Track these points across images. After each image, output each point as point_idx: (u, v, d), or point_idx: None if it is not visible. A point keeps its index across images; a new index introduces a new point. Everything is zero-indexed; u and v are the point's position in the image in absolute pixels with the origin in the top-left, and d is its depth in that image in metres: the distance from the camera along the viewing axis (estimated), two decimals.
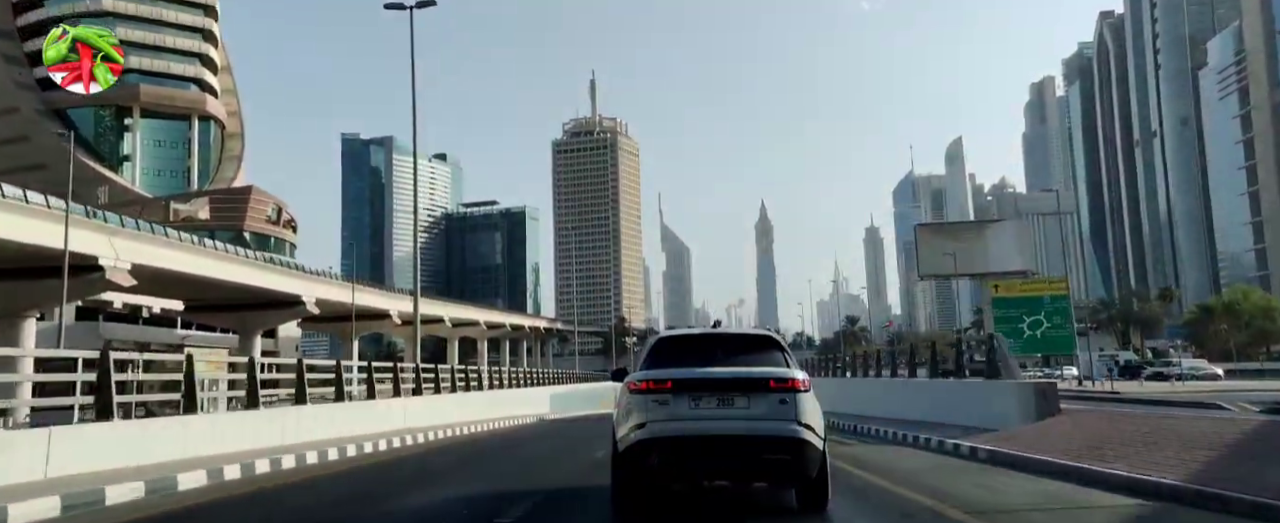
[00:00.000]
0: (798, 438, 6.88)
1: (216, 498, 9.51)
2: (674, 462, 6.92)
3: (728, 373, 7.08)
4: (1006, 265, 53.21)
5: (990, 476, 10.39)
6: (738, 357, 7.42)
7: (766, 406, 6.94)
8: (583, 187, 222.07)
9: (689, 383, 6.99)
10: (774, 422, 6.90)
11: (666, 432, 6.86)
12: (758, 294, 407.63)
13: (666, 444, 6.85)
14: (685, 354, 7.46)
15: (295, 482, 11.11)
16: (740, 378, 7.03)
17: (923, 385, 21.83)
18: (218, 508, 8.97)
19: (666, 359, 7.37)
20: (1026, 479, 9.91)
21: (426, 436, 19.33)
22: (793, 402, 6.96)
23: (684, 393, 6.95)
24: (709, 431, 6.87)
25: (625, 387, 7.42)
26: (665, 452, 6.86)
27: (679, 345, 7.79)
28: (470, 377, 28.56)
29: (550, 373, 47.55)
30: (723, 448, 6.88)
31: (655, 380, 7.06)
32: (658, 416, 6.92)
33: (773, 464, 6.95)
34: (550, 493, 9.49)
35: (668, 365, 7.24)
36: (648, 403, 7.00)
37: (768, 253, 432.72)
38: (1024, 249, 54.65)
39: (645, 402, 7.02)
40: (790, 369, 7.23)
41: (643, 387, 7.08)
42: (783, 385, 6.99)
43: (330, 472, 12.41)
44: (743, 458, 6.93)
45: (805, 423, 6.95)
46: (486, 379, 31.18)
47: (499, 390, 32.07)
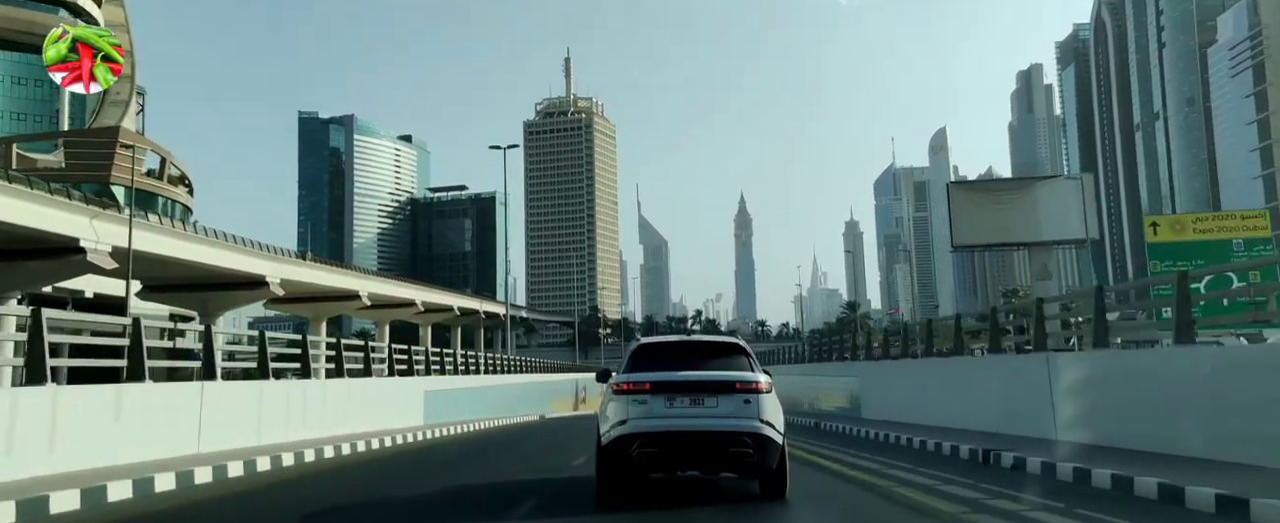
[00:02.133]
0: (760, 434, 7.93)
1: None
2: (651, 454, 7.95)
3: (699, 376, 8.14)
4: (1064, 232, 43.30)
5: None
6: (708, 361, 8.44)
7: (732, 405, 7.98)
8: (556, 170, 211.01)
9: (665, 385, 8.03)
10: (738, 419, 7.93)
11: (644, 428, 7.90)
12: (736, 288, 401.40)
13: (645, 438, 7.88)
14: (662, 359, 8.48)
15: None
16: (709, 381, 8.09)
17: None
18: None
19: (645, 363, 8.41)
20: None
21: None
22: (755, 402, 8.00)
23: (660, 394, 7.99)
24: (682, 427, 7.91)
25: (609, 388, 8.45)
26: (644, 445, 7.89)
27: (657, 351, 8.75)
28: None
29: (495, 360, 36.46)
30: (694, 442, 7.93)
31: (635, 383, 8.08)
32: (637, 413, 7.96)
33: (737, 457, 7.98)
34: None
35: (647, 369, 8.26)
36: (628, 402, 8.04)
37: (746, 246, 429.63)
38: (1083, 213, 44.45)
39: (626, 401, 8.06)
40: (754, 373, 8.26)
41: (625, 388, 8.11)
42: (747, 387, 8.03)
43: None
44: (711, 451, 7.99)
45: (766, 421, 7.99)
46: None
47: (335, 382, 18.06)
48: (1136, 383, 11.04)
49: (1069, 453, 10.64)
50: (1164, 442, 9.97)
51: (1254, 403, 8.84)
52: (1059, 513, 7.52)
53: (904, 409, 18.73)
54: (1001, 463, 11.07)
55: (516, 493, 9.63)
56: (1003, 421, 14.11)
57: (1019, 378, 14.00)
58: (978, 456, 11.85)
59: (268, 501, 9.38)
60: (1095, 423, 11.73)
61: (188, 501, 9.10)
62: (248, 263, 51.97)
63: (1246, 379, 9.24)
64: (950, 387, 16.97)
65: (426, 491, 10.13)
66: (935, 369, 18.20)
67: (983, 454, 11.71)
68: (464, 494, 9.79)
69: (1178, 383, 10.21)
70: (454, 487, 10.47)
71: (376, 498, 9.46)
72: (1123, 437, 10.82)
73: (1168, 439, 9.94)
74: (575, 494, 9.14)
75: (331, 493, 10.06)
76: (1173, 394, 10.22)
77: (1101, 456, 10.09)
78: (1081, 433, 11.84)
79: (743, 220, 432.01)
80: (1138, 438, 10.50)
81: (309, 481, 11.01)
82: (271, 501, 9.40)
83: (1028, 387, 13.25)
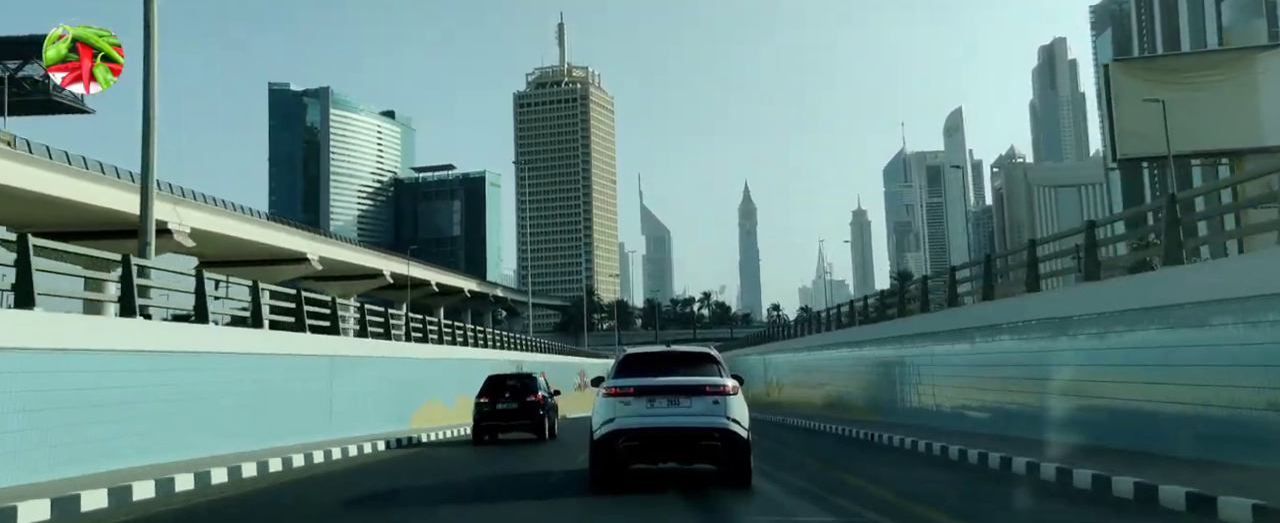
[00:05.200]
0: (727, 429, 9.48)
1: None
2: (635, 447, 9.63)
3: (675, 381, 9.76)
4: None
5: None
6: (684, 369, 10.13)
7: (704, 405, 9.54)
8: (550, 145, 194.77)
9: (647, 389, 9.64)
10: (709, 417, 9.50)
11: (629, 425, 9.53)
12: (741, 279, 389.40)
13: (630, 434, 9.52)
14: (646, 367, 10.18)
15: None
16: (684, 385, 9.69)
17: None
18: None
19: (631, 371, 10.09)
20: None
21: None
22: (723, 402, 9.57)
23: (643, 396, 9.60)
24: (661, 424, 9.52)
25: (600, 392, 10.04)
26: (629, 439, 9.54)
27: (641, 360, 10.45)
28: None
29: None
30: (671, 436, 9.58)
31: (621, 387, 9.74)
32: (623, 413, 9.57)
33: (708, 449, 9.64)
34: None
35: (632, 375, 9.94)
36: (616, 404, 9.64)
37: (751, 236, 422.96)
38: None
39: (614, 402, 9.67)
40: (723, 378, 9.88)
41: (613, 392, 9.75)
42: (716, 390, 9.63)
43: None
44: (686, 444, 9.66)
45: (732, 418, 9.54)
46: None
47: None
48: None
49: None
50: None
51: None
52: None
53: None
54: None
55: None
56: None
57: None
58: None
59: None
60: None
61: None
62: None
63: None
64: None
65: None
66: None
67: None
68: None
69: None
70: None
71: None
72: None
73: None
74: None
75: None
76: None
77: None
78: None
79: (747, 210, 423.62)
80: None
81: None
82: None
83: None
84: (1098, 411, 11.72)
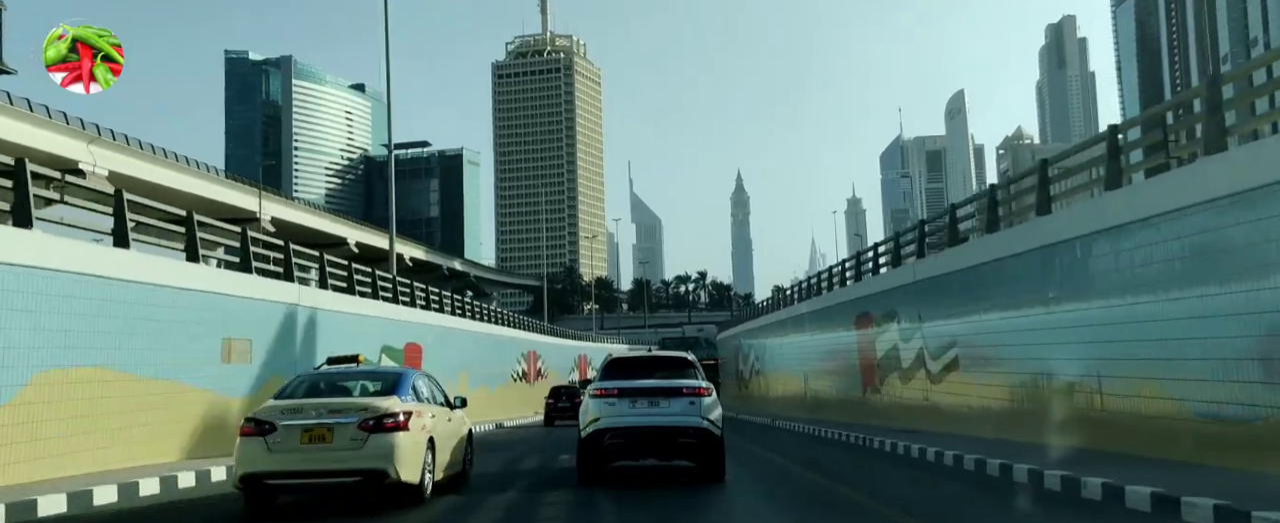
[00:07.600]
0: (702, 428, 10.58)
1: None
2: (619, 444, 10.75)
3: (655, 383, 10.93)
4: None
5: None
6: (664, 372, 11.30)
7: (681, 405, 10.63)
8: (531, 118, 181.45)
9: (630, 391, 10.76)
10: (686, 416, 10.58)
11: (614, 423, 10.63)
12: (733, 269, 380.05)
13: (614, 432, 10.64)
14: (629, 370, 11.38)
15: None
16: (663, 387, 10.83)
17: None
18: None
19: (616, 374, 11.28)
20: None
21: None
22: (699, 403, 10.65)
23: (626, 397, 10.71)
24: (642, 422, 10.63)
25: (588, 393, 11.31)
26: (613, 437, 10.66)
27: (625, 364, 11.76)
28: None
29: None
30: (651, 434, 10.69)
31: (606, 388, 10.87)
32: (608, 412, 10.67)
33: (684, 446, 10.76)
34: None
35: (617, 378, 11.13)
36: (602, 404, 10.73)
37: (743, 226, 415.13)
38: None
39: (600, 403, 10.75)
40: (698, 381, 11.01)
41: (599, 393, 10.87)
42: (692, 392, 10.74)
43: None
44: (664, 441, 10.76)
45: (707, 418, 10.62)
46: None
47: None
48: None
49: None
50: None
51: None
52: None
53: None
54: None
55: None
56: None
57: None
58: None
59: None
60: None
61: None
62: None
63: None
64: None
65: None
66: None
67: None
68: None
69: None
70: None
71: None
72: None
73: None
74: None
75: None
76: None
77: None
78: None
79: (740, 199, 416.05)
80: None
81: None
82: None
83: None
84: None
